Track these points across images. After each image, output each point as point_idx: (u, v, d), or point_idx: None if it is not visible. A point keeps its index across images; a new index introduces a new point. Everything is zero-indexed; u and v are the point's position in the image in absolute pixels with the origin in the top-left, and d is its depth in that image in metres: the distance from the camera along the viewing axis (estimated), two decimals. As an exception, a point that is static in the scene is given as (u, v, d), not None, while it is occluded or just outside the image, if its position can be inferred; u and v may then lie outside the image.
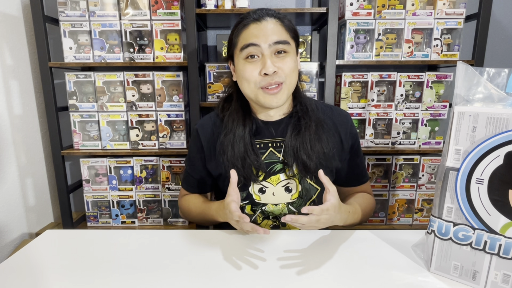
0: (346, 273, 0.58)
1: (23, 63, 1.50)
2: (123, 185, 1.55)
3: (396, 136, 1.49)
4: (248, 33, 0.75)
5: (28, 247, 0.68)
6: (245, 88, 0.78)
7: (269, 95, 0.75)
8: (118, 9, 1.40)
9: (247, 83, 0.77)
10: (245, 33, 0.75)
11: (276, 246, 0.68)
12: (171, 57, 1.43)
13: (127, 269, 0.60)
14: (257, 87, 0.76)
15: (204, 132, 0.87)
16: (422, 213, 1.56)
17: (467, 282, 0.54)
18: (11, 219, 1.42)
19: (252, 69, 0.75)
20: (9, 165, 1.42)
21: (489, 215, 0.51)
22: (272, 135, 0.83)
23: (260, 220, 0.84)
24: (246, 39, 0.75)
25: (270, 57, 0.74)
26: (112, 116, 1.48)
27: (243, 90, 0.80)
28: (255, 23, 0.75)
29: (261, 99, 0.77)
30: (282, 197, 0.82)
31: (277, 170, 0.81)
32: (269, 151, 0.82)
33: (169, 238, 0.72)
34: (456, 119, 0.53)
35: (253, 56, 0.75)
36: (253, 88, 0.76)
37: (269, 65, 0.73)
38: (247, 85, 0.77)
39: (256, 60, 0.75)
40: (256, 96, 0.77)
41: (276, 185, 0.81)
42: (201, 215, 0.85)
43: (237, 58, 0.78)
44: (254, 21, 0.75)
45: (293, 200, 0.82)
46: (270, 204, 0.82)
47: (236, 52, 0.78)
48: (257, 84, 0.75)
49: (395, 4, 1.38)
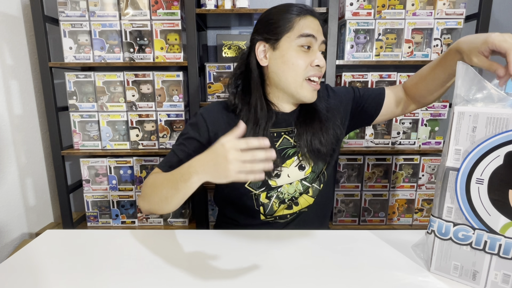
0: (346, 273, 0.58)
1: (23, 63, 1.50)
2: (123, 185, 1.55)
3: (396, 136, 1.49)
4: (307, 23, 0.75)
5: (28, 247, 0.68)
6: (289, 76, 0.76)
7: (312, 88, 0.77)
8: (118, 9, 1.40)
9: (294, 71, 0.75)
10: (304, 22, 0.75)
11: (276, 246, 0.68)
12: (171, 57, 1.43)
13: (127, 269, 0.60)
14: (304, 77, 0.76)
15: (213, 119, 0.81)
16: (422, 213, 1.56)
17: (467, 282, 0.54)
18: (11, 219, 1.42)
19: (305, 59, 0.75)
20: (9, 165, 1.42)
21: (489, 215, 0.51)
22: (285, 125, 0.83)
23: (277, 206, 0.83)
24: (306, 28, 0.75)
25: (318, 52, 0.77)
26: (112, 116, 1.48)
27: (285, 77, 0.77)
28: (312, 17, 0.76)
29: (303, 91, 0.77)
30: (296, 175, 0.82)
31: (291, 154, 0.82)
32: (282, 138, 0.82)
33: (169, 238, 0.72)
34: (456, 119, 0.53)
35: (308, 47, 0.75)
36: (299, 77, 0.76)
37: (321, 58, 0.76)
38: (294, 73, 0.75)
39: (309, 51, 0.76)
40: (299, 86, 0.77)
41: (290, 166, 0.82)
42: (165, 182, 0.67)
43: (289, 43, 0.75)
44: (310, 14, 0.76)
45: (307, 176, 0.83)
46: (285, 185, 0.82)
47: (288, 36, 0.75)
48: (305, 74, 0.76)
49: (395, 4, 1.38)
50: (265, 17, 0.80)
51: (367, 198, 1.54)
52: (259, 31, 0.79)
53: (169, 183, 0.65)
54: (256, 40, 0.79)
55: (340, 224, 1.57)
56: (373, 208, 1.56)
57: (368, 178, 1.53)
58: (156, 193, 0.69)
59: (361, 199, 1.54)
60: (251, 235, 0.73)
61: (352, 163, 1.52)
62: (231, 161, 0.54)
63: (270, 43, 0.77)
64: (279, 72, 0.77)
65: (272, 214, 0.84)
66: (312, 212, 0.86)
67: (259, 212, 0.83)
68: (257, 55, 0.79)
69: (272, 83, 0.80)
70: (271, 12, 0.79)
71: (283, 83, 0.78)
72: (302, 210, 0.85)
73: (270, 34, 0.77)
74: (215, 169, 0.57)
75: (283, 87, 0.79)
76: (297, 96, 0.78)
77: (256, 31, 0.80)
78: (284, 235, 0.73)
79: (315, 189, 0.85)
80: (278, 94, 0.81)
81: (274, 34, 0.77)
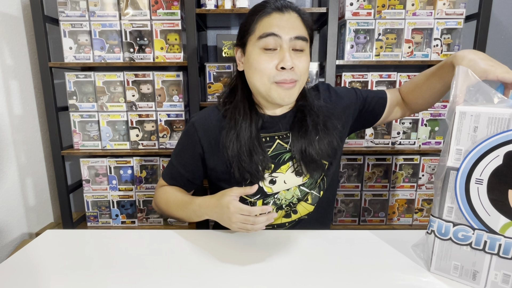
0: (346, 273, 0.58)
1: (23, 63, 1.50)
2: (123, 185, 1.55)
3: (396, 136, 1.49)
4: (270, 22, 0.70)
5: (28, 247, 0.68)
6: (256, 81, 0.73)
7: (283, 89, 0.71)
8: (118, 9, 1.40)
9: (259, 76, 0.71)
10: (266, 21, 0.71)
11: (276, 246, 0.68)
12: (171, 57, 1.43)
13: (127, 269, 0.60)
14: (270, 81, 0.71)
15: (204, 127, 0.80)
16: (422, 213, 1.56)
17: (467, 282, 0.54)
18: (11, 219, 1.42)
19: (268, 61, 0.70)
20: (9, 165, 1.42)
21: (488, 215, 0.51)
22: (278, 129, 0.80)
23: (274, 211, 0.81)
24: (267, 27, 0.70)
25: (289, 51, 0.70)
26: (112, 116, 1.48)
27: (253, 83, 0.74)
28: (278, 13, 0.71)
29: (273, 94, 0.72)
30: (294, 181, 0.79)
31: (286, 159, 0.79)
32: (276, 143, 0.79)
33: (169, 238, 0.72)
34: (457, 119, 0.53)
35: (271, 48, 0.70)
36: (266, 81, 0.71)
37: (288, 59, 0.69)
38: (259, 77, 0.72)
39: (274, 52, 0.70)
40: (267, 91, 0.72)
41: (286, 172, 0.79)
42: (179, 208, 0.79)
43: (252, 46, 0.72)
44: (276, 11, 0.71)
45: (305, 182, 0.80)
46: (282, 191, 0.79)
47: (251, 39, 0.73)
48: (271, 78, 0.71)
49: (395, 4, 1.38)
50: (241, 22, 0.79)
51: (367, 198, 1.54)
52: (237, 37, 0.80)
53: (182, 211, 0.78)
54: (235, 46, 0.80)
55: (340, 224, 1.57)
56: (373, 208, 1.56)
57: (368, 178, 1.53)
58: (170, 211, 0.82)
59: (361, 199, 1.54)
60: (251, 235, 0.73)
61: (352, 163, 1.52)
62: (234, 222, 0.64)
63: (242, 49, 0.77)
64: (248, 77, 0.76)
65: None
66: (312, 219, 0.84)
67: None
68: (237, 61, 0.80)
69: (250, 87, 0.79)
70: (246, 15, 0.77)
71: (254, 88, 0.76)
72: (302, 217, 0.83)
73: (239, 39, 0.77)
74: (221, 220, 0.68)
75: (256, 91, 0.77)
76: (270, 99, 0.74)
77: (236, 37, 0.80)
78: (284, 236, 0.73)
79: (315, 196, 0.82)
80: (258, 98, 0.79)
81: (242, 37, 0.76)
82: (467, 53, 0.64)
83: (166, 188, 0.85)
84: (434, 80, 0.77)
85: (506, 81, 0.56)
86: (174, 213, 0.81)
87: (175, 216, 0.81)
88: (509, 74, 0.56)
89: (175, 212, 0.80)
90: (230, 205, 0.63)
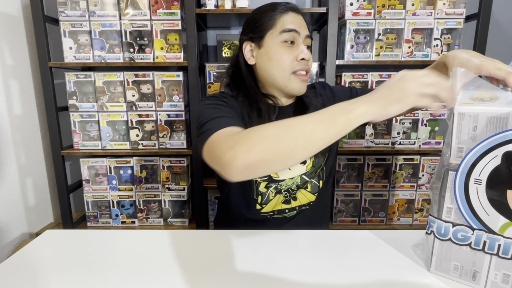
0: (346, 273, 0.58)
1: (23, 63, 1.50)
2: (123, 185, 1.55)
3: (396, 136, 1.49)
4: (289, 19, 0.77)
5: (28, 247, 0.68)
6: (276, 72, 0.78)
7: (300, 80, 0.79)
8: (118, 9, 1.40)
9: (281, 67, 0.78)
10: (286, 18, 0.77)
11: (275, 246, 0.68)
12: (171, 57, 1.43)
13: (127, 269, 0.60)
14: (290, 71, 0.78)
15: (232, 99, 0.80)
16: (422, 213, 1.56)
17: (467, 282, 0.54)
18: (11, 219, 1.42)
19: (289, 54, 0.77)
20: (9, 165, 1.42)
21: (487, 215, 0.51)
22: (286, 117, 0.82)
23: (273, 196, 0.84)
24: (288, 23, 0.77)
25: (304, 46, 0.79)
26: (112, 116, 1.48)
27: (272, 74, 0.79)
28: (294, 13, 0.79)
29: (291, 84, 0.79)
30: (298, 169, 0.83)
31: None
32: None
33: (169, 238, 0.72)
34: (456, 119, 0.53)
35: (292, 42, 0.77)
36: (286, 72, 0.78)
37: (306, 52, 0.78)
38: (280, 69, 0.78)
39: (292, 46, 0.78)
40: (286, 81, 0.79)
41: None
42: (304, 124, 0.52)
43: (273, 39, 0.78)
44: (292, 10, 0.79)
45: (307, 170, 0.84)
46: (287, 179, 0.83)
47: (271, 33, 0.78)
48: (290, 69, 0.78)
49: (395, 4, 1.38)
50: (249, 18, 0.83)
51: (367, 198, 1.54)
52: (245, 32, 0.84)
53: (313, 122, 0.52)
54: (243, 41, 0.83)
55: (340, 224, 1.57)
56: (373, 208, 1.56)
57: (368, 178, 1.53)
58: (286, 135, 0.52)
59: (361, 199, 1.54)
60: (251, 235, 0.73)
61: (352, 163, 1.52)
62: (410, 79, 0.51)
63: (255, 42, 0.81)
64: (266, 69, 0.80)
65: (267, 203, 0.84)
66: (313, 210, 0.87)
67: (256, 201, 0.84)
68: (244, 54, 0.83)
69: (262, 79, 0.83)
70: (255, 13, 0.83)
71: (272, 79, 0.80)
72: (303, 207, 0.86)
73: (255, 33, 0.81)
74: (389, 93, 0.51)
75: (272, 83, 0.81)
76: (286, 90, 0.80)
77: (243, 32, 0.84)
78: (284, 235, 0.73)
79: (314, 185, 0.85)
80: (270, 89, 0.84)
81: (258, 32, 0.80)
82: (458, 53, 0.65)
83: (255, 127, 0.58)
84: None
85: (497, 77, 0.57)
86: (294, 134, 0.52)
87: (296, 140, 0.51)
88: (500, 71, 0.56)
89: (294, 132, 0.52)
90: (403, 72, 0.53)
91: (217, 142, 0.59)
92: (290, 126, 0.53)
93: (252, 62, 0.83)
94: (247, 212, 0.85)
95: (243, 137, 0.54)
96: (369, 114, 0.50)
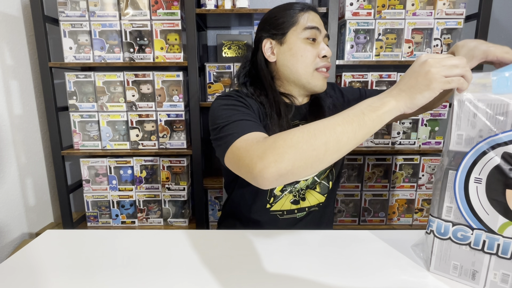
0: (346, 273, 0.58)
1: (23, 63, 1.50)
2: (123, 185, 1.55)
3: (396, 136, 1.49)
4: (311, 17, 0.78)
5: (28, 247, 0.68)
6: (299, 68, 0.78)
7: (323, 77, 0.80)
8: (118, 9, 1.40)
9: (304, 63, 0.78)
10: (308, 16, 0.78)
11: (275, 246, 0.68)
12: (171, 57, 1.43)
13: (127, 269, 0.60)
14: (313, 68, 0.78)
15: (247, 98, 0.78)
16: (422, 213, 1.56)
17: (467, 282, 0.55)
18: (11, 219, 1.43)
19: (312, 50, 0.78)
20: (9, 165, 1.42)
21: (487, 214, 0.51)
22: (301, 117, 0.85)
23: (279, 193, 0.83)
24: (311, 21, 0.78)
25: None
26: (112, 116, 1.48)
27: (296, 70, 0.79)
28: (313, 12, 0.80)
29: (314, 80, 0.79)
30: None
31: None
32: None
33: (169, 238, 0.72)
34: (456, 107, 0.53)
35: (314, 39, 0.78)
36: (309, 68, 0.78)
37: (328, 49, 0.79)
38: (304, 65, 0.78)
39: (314, 43, 0.78)
40: (310, 77, 0.79)
41: None
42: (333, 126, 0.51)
43: (296, 36, 0.78)
44: (312, 9, 0.80)
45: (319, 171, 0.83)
46: (302, 181, 0.83)
47: (295, 29, 0.78)
48: (314, 65, 0.78)
49: (395, 4, 1.38)
50: (269, 16, 0.83)
51: (367, 198, 1.54)
52: (265, 29, 0.82)
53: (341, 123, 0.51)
54: (262, 38, 0.82)
55: (340, 224, 1.57)
56: (373, 208, 1.56)
57: (368, 178, 1.53)
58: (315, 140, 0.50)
59: (361, 199, 1.54)
60: (251, 235, 0.73)
61: (352, 163, 1.52)
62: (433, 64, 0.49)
63: (276, 39, 0.80)
64: (289, 65, 0.79)
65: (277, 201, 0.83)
66: (322, 211, 0.87)
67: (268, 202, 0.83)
68: (264, 52, 0.81)
69: (282, 77, 0.82)
70: (275, 11, 0.82)
71: (294, 75, 0.80)
72: (312, 208, 0.85)
73: (276, 30, 0.80)
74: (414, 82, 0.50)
75: (294, 80, 0.81)
76: (309, 86, 0.80)
77: (262, 29, 0.83)
78: (284, 235, 0.73)
79: (323, 186, 0.85)
80: (289, 88, 0.83)
81: (280, 29, 0.80)
82: (468, 42, 0.65)
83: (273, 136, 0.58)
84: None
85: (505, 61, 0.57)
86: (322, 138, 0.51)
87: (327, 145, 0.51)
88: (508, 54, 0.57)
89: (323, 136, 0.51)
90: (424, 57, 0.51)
91: (243, 150, 0.58)
92: (318, 131, 0.51)
93: (273, 60, 0.81)
94: (256, 213, 0.85)
95: (272, 146, 0.53)
96: (399, 107, 0.50)
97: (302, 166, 0.51)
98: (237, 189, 0.88)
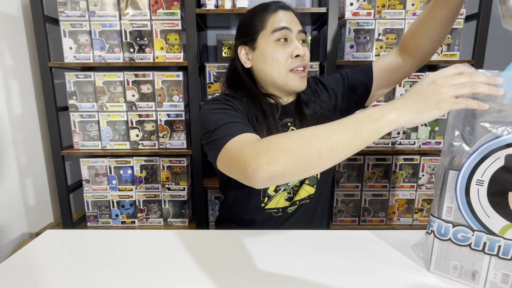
0: (345, 273, 0.58)
1: (23, 63, 1.50)
2: (123, 185, 1.55)
3: (396, 136, 1.49)
4: (279, 18, 0.78)
5: (28, 247, 0.68)
6: (273, 71, 0.78)
7: (299, 77, 0.79)
8: (118, 9, 1.40)
9: (277, 66, 0.78)
10: (275, 17, 0.78)
11: (275, 246, 0.68)
12: (171, 57, 1.43)
13: (127, 269, 0.60)
14: (287, 69, 0.78)
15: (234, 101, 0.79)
16: (422, 213, 1.56)
17: (467, 282, 0.55)
18: (11, 219, 1.43)
19: (283, 52, 0.77)
20: (9, 165, 1.42)
21: (488, 217, 0.51)
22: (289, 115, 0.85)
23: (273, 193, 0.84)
24: (278, 22, 0.77)
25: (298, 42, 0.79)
26: (112, 116, 1.48)
27: (269, 74, 0.79)
28: (283, 11, 0.79)
29: (289, 82, 0.79)
30: None
31: None
32: (290, 129, 0.84)
33: (169, 238, 0.72)
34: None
35: (285, 39, 0.77)
36: (283, 70, 0.78)
37: (301, 48, 0.77)
38: (276, 68, 0.78)
39: (286, 44, 0.78)
40: (285, 79, 0.79)
41: None
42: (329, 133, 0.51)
43: (265, 40, 0.78)
44: (281, 9, 0.79)
45: None
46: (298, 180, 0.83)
47: (263, 34, 0.79)
48: (287, 67, 0.78)
49: (395, 4, 1.38)
50: (241, 23, 0.84)
51: (367, 198, 1.54)
52: (237, 37, 0.85)
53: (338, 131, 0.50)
54: (237, 46, 0.84)
55: (340, 224, 1.57)
56: (373, 208, 1.56)
57: (368, 178, 1.53)
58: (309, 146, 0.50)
59: (361, 199, 1.54)
60: (251, 235, 0.73)
61: (352, 163, 1.52)
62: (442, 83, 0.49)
63: (249, 45, 0.82)
64: (263, 69, 0.81)
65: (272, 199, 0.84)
66: (313, 204, 0.87)
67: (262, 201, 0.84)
68: (240, 58, 0.83)
69: (261, 80, 0.84)
70: (245, 17, 0.83)
71: (269, 79, 0.81)
72: (303, 201, 0.86)
73: (247, 37, 0.81)
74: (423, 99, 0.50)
75: (271, 82, 0.82)
76: (286, 88, 0.80)
77: (236, 37, 0.85)
78: (284, 235, 0.73)
79: (312, 177, 0.85)
80: (271, 89, 0.84)
81: (250, 35, 0.81)
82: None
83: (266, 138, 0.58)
84: (438, 6, 0.70)
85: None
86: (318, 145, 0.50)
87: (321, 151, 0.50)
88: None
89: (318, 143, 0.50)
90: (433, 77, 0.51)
91: (236, 151, 0.58)
92: (313, 137, 0.51)
93: (249, 65, 0.83)
94: (250, 213, 0.85)
95: (265, 147, 0.53)
96: (400, 120, 0.49)
97: (294, 170, 0.51)
98: (231, 190, 0.88)
